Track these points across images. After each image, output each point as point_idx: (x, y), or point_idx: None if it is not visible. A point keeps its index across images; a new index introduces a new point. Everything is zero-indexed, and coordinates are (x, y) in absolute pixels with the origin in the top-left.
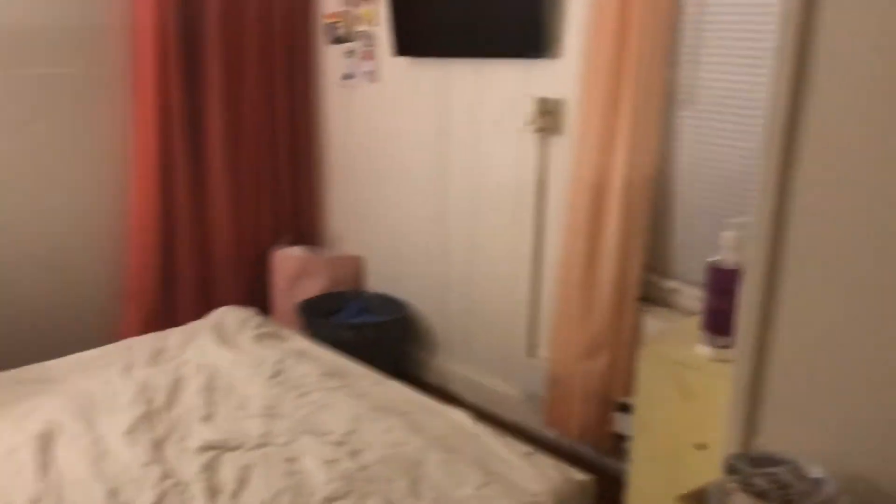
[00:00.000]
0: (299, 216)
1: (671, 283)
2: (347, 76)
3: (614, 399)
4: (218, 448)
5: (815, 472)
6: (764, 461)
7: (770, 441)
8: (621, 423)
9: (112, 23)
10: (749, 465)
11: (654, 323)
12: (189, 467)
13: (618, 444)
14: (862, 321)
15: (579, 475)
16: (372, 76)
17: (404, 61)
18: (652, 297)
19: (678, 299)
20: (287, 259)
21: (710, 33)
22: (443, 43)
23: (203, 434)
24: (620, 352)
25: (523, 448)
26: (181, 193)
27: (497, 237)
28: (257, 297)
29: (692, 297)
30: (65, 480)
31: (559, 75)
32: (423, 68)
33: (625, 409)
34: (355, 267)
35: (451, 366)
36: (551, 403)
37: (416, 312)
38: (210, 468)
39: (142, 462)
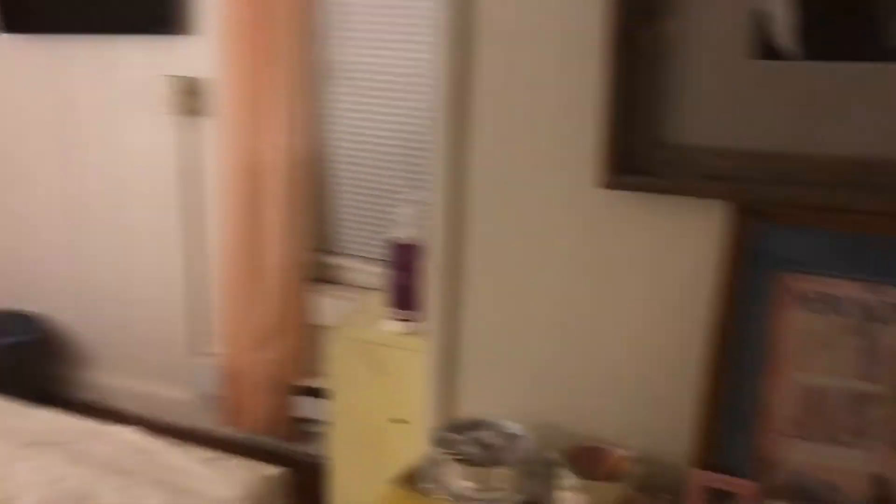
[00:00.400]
0: None
1: (340, 261)
2: None
3: (294, 384)
4: None
5: (513, 428)
6: (466, 426)
7: (469, 406)
8: (306, 407)
9: None
10: (454, 433)
11: (327, 302)
12: None
13: (302, 429)
14: (539, 286)
15: (270, 470)
16: None
17: (8, 38)
18: (321, 276)
19: (348, 275)
20: None
21: (358, 9)
22: (57, 18)
23: None
24: (296, 335)
25: (204, 454)
26: None
27: (145, 230)
28: None
29: (362, 271)
30: None
31: (198, 53)
32: (34, 47)
33: (309, 392)
34: None
35: (108, 379)
36: (227, 399)
37: (56, 326)
38: None
39: None
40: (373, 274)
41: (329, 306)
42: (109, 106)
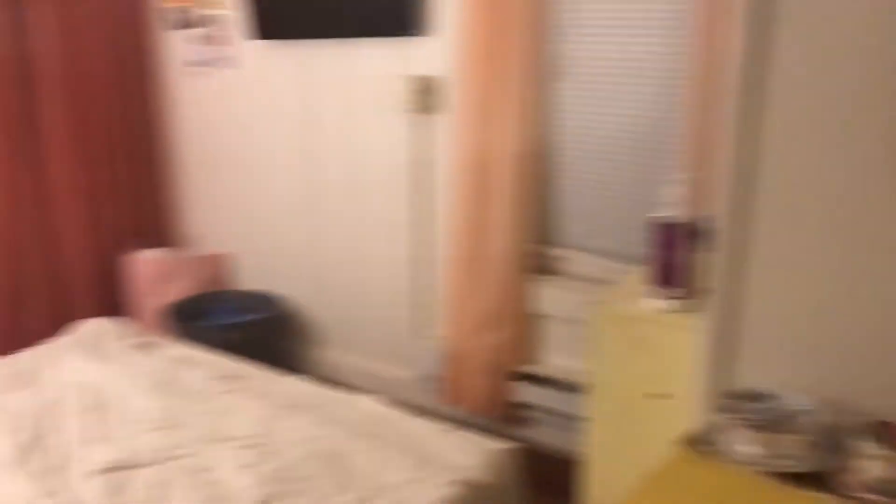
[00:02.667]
0: (154, 216)
1: (560, 252)
2: (198, 63)
3: (512, 370)
4: (119, 468)
5: (798, 399)
6: (749, 397)
7: (747, 379)
8: (524, 392)
9: None
10: (741, 402)
11: (547, 292)
12: (90, 494)
13: (518, 414)
14: (836, 260)
15: (503, 444)
16: (228, 62)
17: (264, 44)
18: (542, 266)
19: (569, 267)
20: (145, 263)
21: (588, 3)
22: (306, 24)
23: (98, 455)
24: (515, 322)
25: (440, 425)
26: (23, 206)
27: (376, 221)
28: (115, 306)
29: (583, 263)
30: None
31: (434, 53)
32: (286, 51)
33: (526, 378)
34: (223, 265)
35: (338, 357)
36: (447, 380)
37: (294, 306)
38: (115, 491)
39: (30, 496)
40: (593, 265)
41: (548, 296)
42: (349, 104)
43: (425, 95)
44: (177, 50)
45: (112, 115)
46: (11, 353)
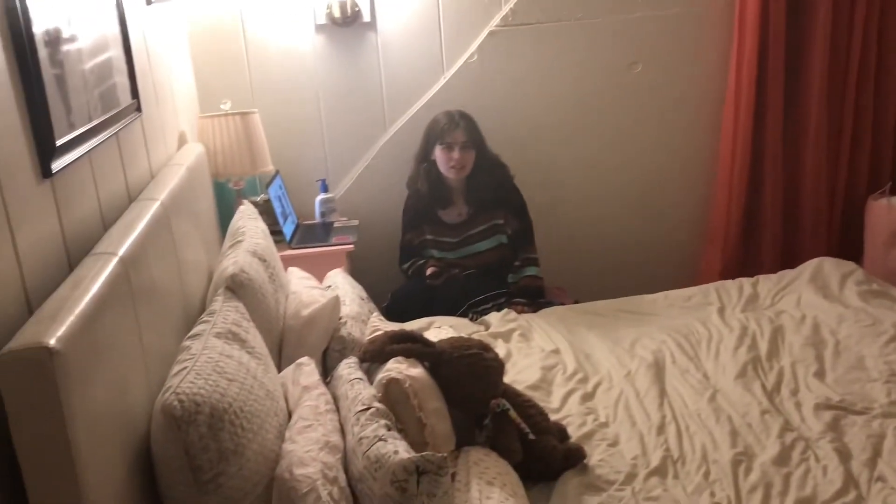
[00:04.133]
0: None
1: None
2: None
3: None
4: (838, 409)
5: None
6: None
7: None
8: None
9: None
10: None
11: None
12: (811, 424)
13: None
14: None
15: None
16: None
17: None
18: None
19: None
20: (886, 212)
21: None
22: None
23: (818, 391)
24: None
25: None
26: (772, 137)
27: None
28: (846, 252)
29: None
30: (683, 412)
31: None
32: None
33: None
34: None
35: None
36: None
37: None
38: (834, 429)
39: (759, 410)
40: None
41: None
42: None
43: None
44: None
45: (883, 58)
46: (738, 275)
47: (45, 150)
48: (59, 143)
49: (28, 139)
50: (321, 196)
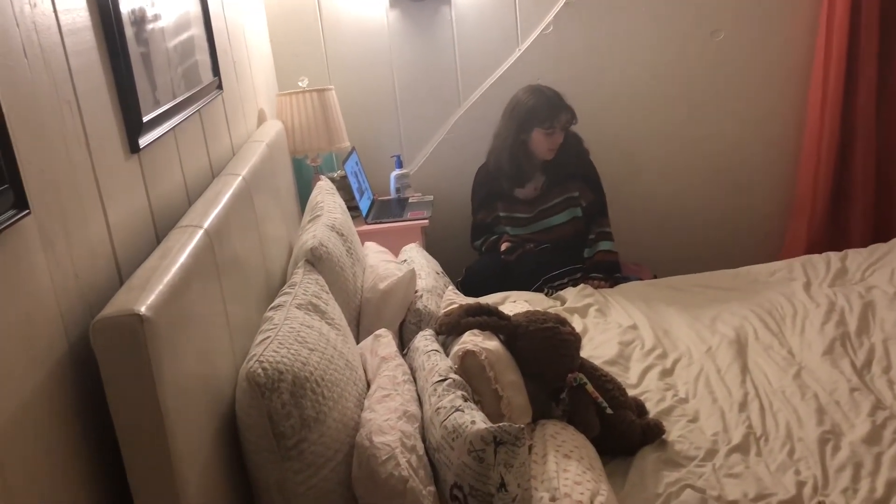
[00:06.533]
0: None
1: None
2: None
3: None
4: None
5: None
6: None
7: None
8: None
9: None
10: None
11: None
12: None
13: None
14: None
15: None
16: None
17: None
18: None
19: None
20: None
21: None
22: None
23: None
24: None
25: None
26: (864, 105)
27: None
28: None
29: None
30: (766, 388)
31: None
32: None
33: None
34: None
35: None
36: None
37: None
38: None
39: (848, 387)
40: None
41: None
42: None
43: None
44: None
45: None
46: (825, 249)
47: (132, 126)
48: (145, 119)
49: (117, 116)
50: (396, 172)
